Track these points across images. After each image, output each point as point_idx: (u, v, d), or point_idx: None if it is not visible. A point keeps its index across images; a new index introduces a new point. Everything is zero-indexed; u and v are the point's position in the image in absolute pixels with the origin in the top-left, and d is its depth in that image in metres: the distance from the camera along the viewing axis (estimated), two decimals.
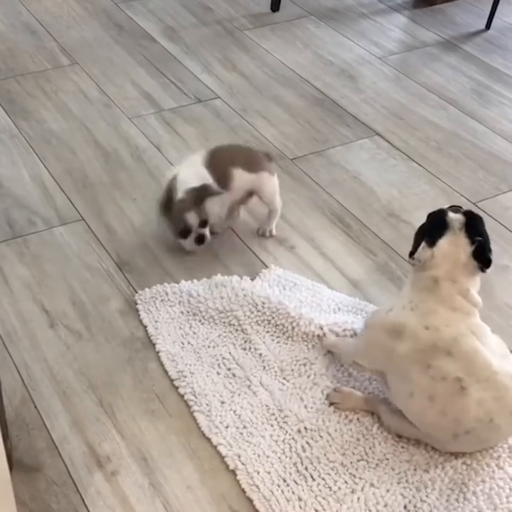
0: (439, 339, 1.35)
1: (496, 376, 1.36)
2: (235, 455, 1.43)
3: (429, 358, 1.35)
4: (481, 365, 1.35)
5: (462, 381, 1.34)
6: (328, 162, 2.21)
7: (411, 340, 1.36)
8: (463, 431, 1.37)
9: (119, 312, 1.72)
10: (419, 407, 1.38)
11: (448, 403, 1.35)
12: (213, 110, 2.43)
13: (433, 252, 1.36)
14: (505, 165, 2.22)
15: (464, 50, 2.78)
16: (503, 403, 1.36)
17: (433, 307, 1.36)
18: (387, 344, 1.39)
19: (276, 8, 2.99)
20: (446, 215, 1.39)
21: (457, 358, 1.34)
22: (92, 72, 2.59)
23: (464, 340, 1.35)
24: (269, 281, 1.80)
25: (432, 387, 1.35)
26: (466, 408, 1.35)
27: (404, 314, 1.38)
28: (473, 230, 1.37)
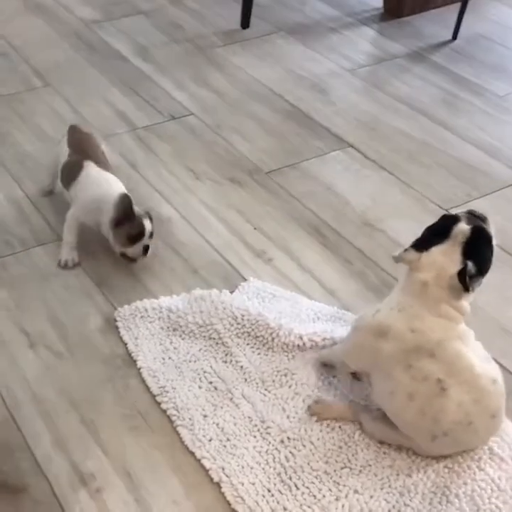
0: (423, 342, 1.36)
1: (478, 379, 1.37)
2: (219, 468, 1.44)
3: (411, 359, 1.37)
4: (463, 368, 1.37)
5: (443, 382, 1.36)
6: (302, 174, 2.24)
7: (395, 341, 1.38)
8: (441, 432, 1.39)
9: (99, 330, 1.72)
10: (399, 405, 1.40)
11: (427, 403, 1.37)
12: (187, 127, 2.45)
13: (420, 256, 1.36)
14: (476, 172, 2.25)
15: (432, 60, 2.83)
16: (482, 406, 1.38)
17: (420, 311, 1.37)
18: (373, 344, 1.41)
19: (246, 25, 3.03)
20: (454, 224, 1.35)
21: (440, 360, 1.36)
22: (66, 93, 2.60)
23: (449, 344, 1.37)
24: (248, 293, 1.81)
25: (412, 386, 1.37)
26: (445, 409, 1.36)
27: (390, 315, 1.40)
28: (472, 249, 1.33)
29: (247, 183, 2.20)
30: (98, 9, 3.15)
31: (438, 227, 1.38)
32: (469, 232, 1.34)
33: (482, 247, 1.35)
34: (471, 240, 1.33)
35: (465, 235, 1.34)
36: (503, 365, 1.63)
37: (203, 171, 2.25)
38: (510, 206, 2.12)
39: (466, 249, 1.33)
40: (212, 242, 1.98)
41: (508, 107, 2.56)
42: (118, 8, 3.16)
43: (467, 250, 1.33)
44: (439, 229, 1.37)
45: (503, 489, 1.41)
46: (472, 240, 1.33)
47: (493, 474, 1.43)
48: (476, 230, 1.34)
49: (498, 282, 1.87)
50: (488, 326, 1.75)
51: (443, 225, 1.37)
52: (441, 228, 1.37)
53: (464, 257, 1.33)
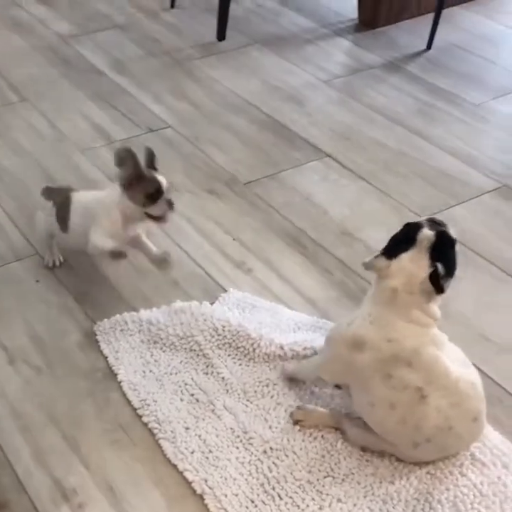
0: (399, 350, 1.37)
1: (456, 384, 1.38)
2: (202, 479, 1.43)
3: (390, 369, 1.37)
4: (441, 374, 1.38)
5: (422, 390, 1.36)
6: (280, 185, 2.25)
7: (371, 351, 1.38)
8: (423, 439, 1.39)
9: (79, 344, 1.71)
10: (381, 416, 1.40)
11: (409, 411, 1.37)
12: (165, 139, 2.45)
13: (390, 264, 1.37)
14: (452, 180, 2.27)
15: (407, 70, 2.86)
16: (462, 410, 1.39)
17: (392, 320, 1.38)
18: (348, 357, 1.41)
19: (222, 38, 3.04)
20: (418, 231, 1.38)
21: (417, 368, 1.37)
22: (42, 108, 2.59)
23: (424, 351, 1.37)
24: (228, 304, 1.81)
25: (393, 396, 1.38)
26: (426, 416, 1.37)
27: (364, 327, 1.40)
28: (439, 253, 1.36)
29: (225, 194, 2.21)
30: (74, 24, 3.15)
31: (403, 235, 1.41)
32: (434, 237, 1.37)
33: (447, 251, 1.39)
34: (436, 245, 1.36)
35: (430, 240, 1.37)
36: (483, 371, 1.64)
37: (181, 183, 2.25)
38: (486, 213, 2.14)
39: (432, 254, 1.36)
40: (192, 254, 1.98)
41: (483, 115, 2.58)
42: (94, 23, 3.17)
43: (434, 255, 1.36)
44: (404, 237, 1.40)
45: (486, 494, 1.41)
46: (437, 244, 1.36)
47: (475, 480, 1.44)
48: (439, 234, 1.38)
49: (476, 288, 1.88)
50: (467, 332, 1.76)
51: (408, 232, 1.40)
52: (406, 236, 1.39)
53: (432, 261, 1.36)
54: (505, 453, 1.48)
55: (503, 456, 1.47)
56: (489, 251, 2.00)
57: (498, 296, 1.86)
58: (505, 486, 1.42)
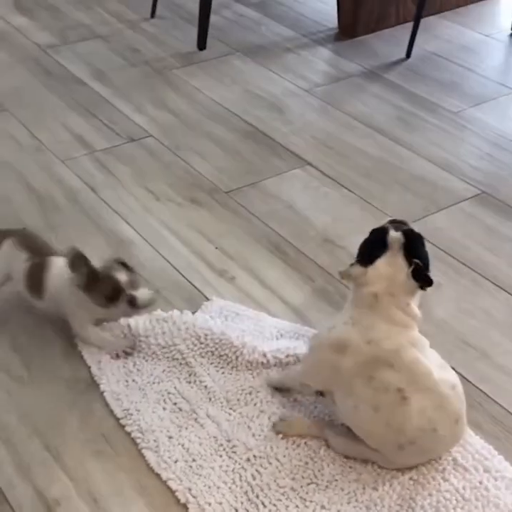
0: (380, 352, 1.38)
1: (437, 385, 1.40)
2: (186, 488, 1.43)
3: (371, 371, 1.38)
4: (421, 375, 1.39)
5: (403, 391, 1.37)
6: (262, 193, 2.26)
7: (353, 354, 1.39)
8: (407, 441, 1.40)
9: (62, 354, 1.71)
10: (364, 419, 1.41)
11: (391, 414, 1.38)
12: (146, 149, 2.45)
13: (366, 271, 1.39)
14: (432, 187, 2.29)
15: (386, 79, 2.88)
16: (445, 412, 1.40)
17: (373, 322, 1.39)
18: (331, 361, 1.41)
19: (203, 47, 3.05)
20: (386, 234, 1.40)
21: (398, 370, 1.38)
22: (23, 118, 2.59)
23: (404, 352, 1.39)
24: (210, 312, 1.81)
25: (375, 399, 1.38)
26: (408, 418, 1.38)
27: (346, 330, 1.41)
28: (411, 251, 1.38)
29: (207, 202, 2.21)
30: (55, 34, 3.15)
31: (373, 241, 1.42)
32: (402, 237, 1.39)
33: (418, 247, 1.41)
34: (407, 244, 1.39)
35: (400, 241, 1.39)
36: (464, 376, 1.65)
37: (163, 192, 2.25)
38: (466, 220, 2.16)
39: (406, 253, 1.38)
40: (174, 263, 1.98)
41: (462, 123, 2.61)
42: (75, 33, 3.17)
43: (407, 253, 1.38)
44: (374, 242, 1.42)
45: (468, 499, 1.42)
46: (407, 243, 1.39)
47: (457, 485, 1.45)
48: (407, 233, 1.40)
49: (456, 294, 1.90)
50: (448, 337, 1.77)
51: (377, 237, 1.42)
52: (376, 241, 1.41)
53: (408, 260, 1.38)
54: (486, 457, 1.49)
55: (484, 460, 1.48)
56: (469, 257, 2.01)
57: (478, 301, 1.88)
58: (487, 491, 1.43)
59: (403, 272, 1.38)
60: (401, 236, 1.39)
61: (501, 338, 1.77)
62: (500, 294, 1.90)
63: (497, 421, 1.57)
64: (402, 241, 1.39)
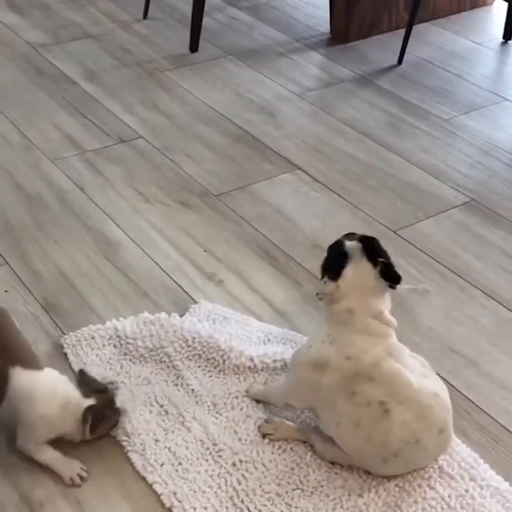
0: (359, 366, 1.38)
1: (418, 395, 1.39)
2: (171, 492, 1.42)
3: (352, 386, 1.38)
4: (402, 386, 1.38)
5: (385, 404, 1.37)
6: (252, 197, 2.25)
7: (334, 371, 1.38)
8: (391, 454, 1.40)
9: (47, 355, 1.69)
10: (346, 435, 1.41)
11: (372, 427, 1.38)
12: (136, 150, 2.45)
13: (338, 285, 1.38)
14: (421, 194, 2.30)
15: (378, 85, 2.88)
16: (427, 423, 1.40)
17: (350, 337, 1.39)
18: (312, 380, 1.41)
19: (195, 49, 3.05)
20: (343, 245, 1.41)
21: (379, 382, 1.37)
22: (12, 116, 2.57)
23: (383, 364, 1.38)
24: (198, 316, 1.80)
25: (356, 414, 1.38)
26: (390, 430, 1.37)
27: (324, 348, 1.40)
28: (373, 253, 1.39)
29: (196, 205, 2.21)
30: (47, 33, 3.14)
31: (333, 256, 1.43)
32: (359, 243, 1.40)
33: (378, 247, 1.42)
34: (366, 247, 1.40)
35: (359, 247, 1.40)
36: (452, 384, 1.66)
37: (152, 194, 2.24)
38: (455, 227, 2.16)
39: (368, 257, 1.39)
40: (162, 265, 1.97)
41: (452, 130, 2.61)
42: (67, 32, 3.15)
43: (370, 256, 1.39)
44: (335, 256, 1.42)
45: (453, 507, 1.42)
46: (366, 246, 1.40)
47: (443, 492, 1.44)
48: (362, 239, 1.42)
49: (445, 302, 1.90)
50: (436, 345, 1.77)
51: (335, 251, 1.42)
52: (336, 255, 1.41)
53: (373, 262, 1.38)
54: (472, 466, 1.49)
55: (470, 469, 1.48)
56: (457, 265, 2.02)
57: (466, 309, 1.88)
58: (473, 499, 1.43)
59: (371, 274, 1.38)
60: (357, 243, 1.40)
61: (489, 346, 1.78)
62: (488, 302, 1.90)
63: (483, 429, 1.58)
64: (360, 247, 1.40)
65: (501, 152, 2.50)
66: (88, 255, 1.99)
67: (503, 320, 1.85)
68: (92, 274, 1.93)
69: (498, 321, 1.85)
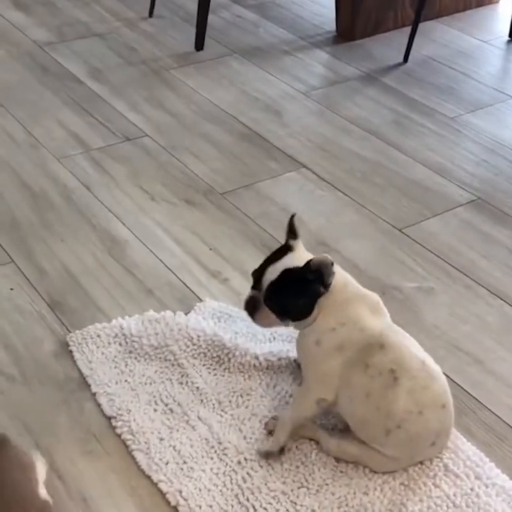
0: (371, 336, 1.40)
1: (423, 364, 1.42)
2: (176, 491, 1.43)
3: (366, 358, 1.40)
4: (407, 354, 1.41)
5: (395, 372, 1.39)
6: (257, 195, 2.25)
7: (351, 347, 1.40)
8: (394, 425, 1.40)
9: (53, 354, 1.70)
10: (357, 407, 1.42)
11: (381, 397, 1.39)
12: (142, 148, 2.45)
13: (329, 290, 1.41)
14: (427, 192, 2.29)
15: (383, 82, 2.88)
16: (431, 394, 1.41)
17: (357, 311, 1.42)
18: (337, 363, 1.41)
19: (200, 47, 3.05)
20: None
21: (389, 350, 1.40)
22: (18, 114, 2.58)
23: (390, 333, 1.42)
24: (203, 314, 1.81)
25: (369, 386, 1.40)
26: (397, 399, 1.39)
27: (340, 332, 1.41)
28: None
29: (202, 203, 2.21)
30: (52, 31, 3.14)
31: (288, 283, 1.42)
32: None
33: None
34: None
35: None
36: (457, 382, 1.66)
37: (158, 192, 2.25)
38: (461, 226, 2.16)
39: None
40: (168, 263, 1.98)
41: (458, 128, 2.61)
42: (72, 30, 3.16)
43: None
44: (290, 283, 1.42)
45: (459, 506, 1.42)
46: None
47: (448, 491, 1.44)
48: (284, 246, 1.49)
49: (450, 300, 1.90)
50: (441, 343, 1.77)
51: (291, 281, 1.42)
52: (292, 282, 1.42)
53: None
54: (478, 464, 1.49)
55: (476, 467, 1.48)
56: (463, 263, 2.01)
57: (472, 307, 1.88)
58: (478, 497, 1.43)
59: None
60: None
61: (494, 344, 1.77)
62: (494, 300, 1.90)
63: (489, 428, 1.57)
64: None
65: (507, 150, 2.50)
66: (94, 253, 2.00)
67: (509, 318, 1.85)
68: (98, 273, 1.93)
69: (504, 319, 1.85)
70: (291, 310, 1.43)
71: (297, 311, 1.43)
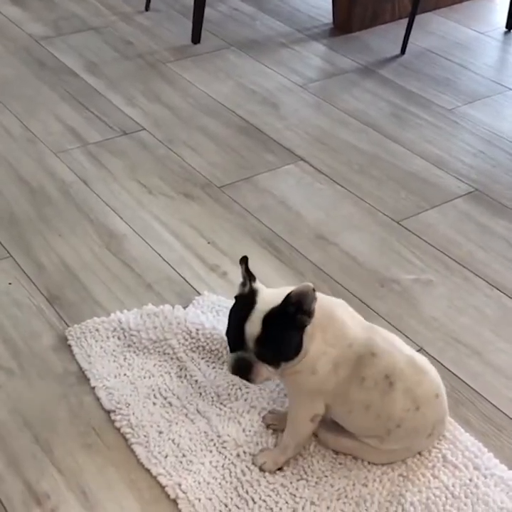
0: (360, 347, 1.38)
1: (414, 360, 1.42)
2: (176, 484, 1.43)
3: (361, 371, 1.38)
4: (398, 354, 1.40)
5: (390, 377, 1.38)
6: (255, 188, 2.25)
7: (344, 364, 1.38)
8: (394, 425, 1.40)
9: (52, 348, 1.70)
10: (357, 419, 1.42)
11: (380, 405, 1.39)
12: (139, 142, 2.44)
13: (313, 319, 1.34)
14: (425, 184, 2.29)
15: (380, 75, 2.87)
16: (426, 387, 1.42)
17: (342, 330, 1.38)
18: (329, 384, 1.39)
19: (197, 40, 3.04)
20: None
21: (380, 356, 1.39)
22: (15, 109, 2.57)
23: (375, 338, 1.40)
24: (202, 307, 1.81)
25: (367, 398, 1.39)
26: (394, 402, 1.39)
27: (331, 354, 1.37)
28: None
29: (200, 197, 2.21)
30: (48, 25, 3.13)
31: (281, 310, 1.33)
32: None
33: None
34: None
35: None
36: (455, 374, 1.66)
37: (155, 186, 2.24)
38: (459, 217, 2.16)
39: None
40: (166, 257, 1.98)
41: (455, 120, 2.61)
42: (68, 24, 3.15)
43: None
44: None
45: (458, 496, 1.42)
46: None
47: (447, 482, 1.45)
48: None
49: (448, 292, 1.90)
50: (440, 335, 1.77)
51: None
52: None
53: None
54: (476, 455, 1.49)
55: (474, 458, 1.49)
56: (461, 255, 2.01)
57: (470, 299, 1.88)
58: (477, 488, 1.44)
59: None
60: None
61: (493, 336, 1.78)
62: (492, 292, 1.90)
63: (487, 418, 1.58)
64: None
65: (505, 142, 2.49)
66: (92, 248, 2.00)
67: (507, 310, 1.85)
68: (96, 267, 1.93)
69: (502, 311, 1.85)
70: (287, 352, 1.34)
71: (292, 350, 1.34)
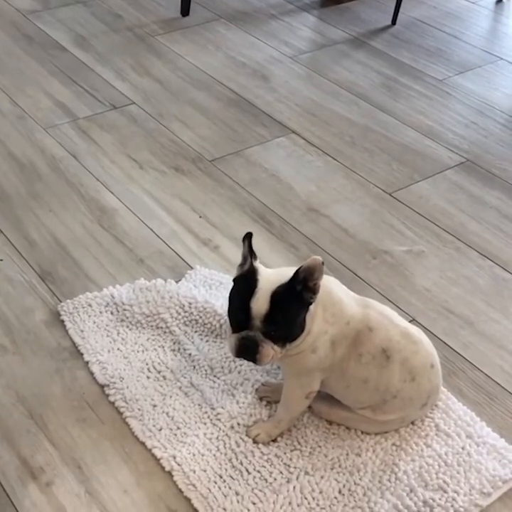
0: (357, 323, 1.39)
1: (409, 331, 1.43)
2: (170, 456, 1.44)
3: (358, 348, 1.39)
4: (393, 327, 1.41)
5: (387, 351, 1.39)
6: (246, 162, 2.24)
7: (342, 341, 1.38)
8: (391, 396, 1.42)
9: (44, 323, 1.70)
10: (355, 393, 1.43)
11: (378, 378, 1.40)
12: (129, 116, 2.43)
13: (319, 296, 1.33)
14: (416, 155, 2.29)
15: (371, 46, 2.85)
16: (421, 357, 1.43)
17: (341, 307, 1.38)
18: (327, 362, 1.39)
19: (186, 13, 3.01)
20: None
21: (377, 331, 1.39)
22: (3, 84, 2.55)
23: (370, 313, 1.40)
24: (195, 281, 1.81)
25: (365, 373, 1.40)
26: (392, 374, 1.40)
27: (331, 332, 1.37)
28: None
29: (191, 171, 2.20)
30: None
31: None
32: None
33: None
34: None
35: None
36: (448, 344, 1.67)
37: (146, 160, 2.23)
38: (451, 188, 2.15)
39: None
40: (158, 232, 1.97)
41: (447, 90, 2.60)
42: None
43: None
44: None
45: (450, 464, 1.44)
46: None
47: (439, 450, 1.46)
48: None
49: (440, 262, 1.90)
50: (431, 306, 1.78)
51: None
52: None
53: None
54: (469, 423, 1.50)
55: (467, 426, 1.50)
56: (453, 225, 2.02)
57: (462, 269, 1.89)
58: (470, 456, 1.45)
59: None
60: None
61: (485, 306, 1.78)
62: (483, 262, 1.90)
63: (479, 387, 1.59)
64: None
65: (496, 112, 2.49)
66: (83, 223, 1.99)
67: (499, 280, 1.86)
68: (88, 242, 1.92)
69: (494, 281, 1.86)
70: (295, 330, 1.31)
71: (298, 328, 1.32)
